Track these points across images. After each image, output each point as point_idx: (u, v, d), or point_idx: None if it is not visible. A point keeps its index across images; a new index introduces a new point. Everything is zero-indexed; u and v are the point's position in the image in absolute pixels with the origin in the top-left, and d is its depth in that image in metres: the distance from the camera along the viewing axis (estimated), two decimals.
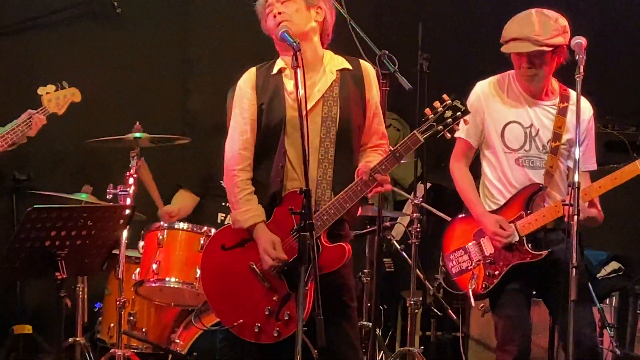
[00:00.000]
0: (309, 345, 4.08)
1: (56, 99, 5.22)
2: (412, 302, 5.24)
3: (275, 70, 3.99)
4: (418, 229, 5.23)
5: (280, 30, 3.81)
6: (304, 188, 3.54)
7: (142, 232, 5.07)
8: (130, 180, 4.87)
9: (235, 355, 4.07)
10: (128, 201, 4.81)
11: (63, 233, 3.84)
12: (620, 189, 4.13)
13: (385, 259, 6.25)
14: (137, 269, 4.95)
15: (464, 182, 4.40)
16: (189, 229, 4.94)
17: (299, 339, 3.49)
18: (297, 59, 3.62)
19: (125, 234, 4.73)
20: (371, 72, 4.08)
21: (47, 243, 3.82)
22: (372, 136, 4.07)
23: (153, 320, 5.14)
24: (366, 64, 4.11)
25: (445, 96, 3.80)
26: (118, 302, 4.84)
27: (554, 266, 4.10)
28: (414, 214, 5.31)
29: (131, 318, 5.01)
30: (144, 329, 5.08)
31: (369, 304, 5.49)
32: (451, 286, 4.42)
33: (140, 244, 5.04)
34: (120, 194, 4.83)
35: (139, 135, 4.98)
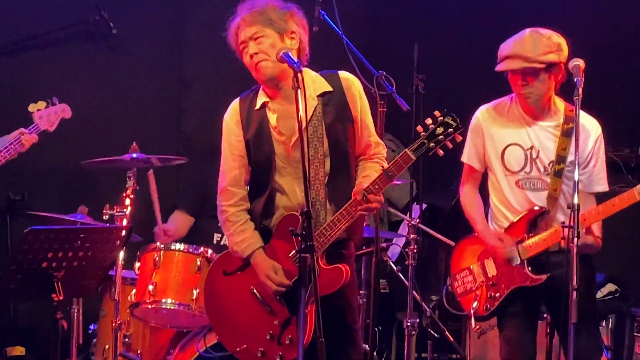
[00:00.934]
0: None
1: (47, 116, 5.25)
2: (409, 324, 5.21)
3: (258, 105, 3.96)
4: (415, 250, 5.20)
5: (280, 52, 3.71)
6: (304, 209, 3.50)
7: (138, 253, 5.02)
8: (127, 201, 4.83)
9: None
10: (124, 222, 4.78)
11: (60, 254, 3.80)
12: None
13: (380, 280, 6.23)
14: (133, 290, 4.90)
15: (468, 202, 4.41)
16: (185, 250, 4.90)
17: None
18: (298, 80, 3.56)
19: (121, 254, 4.70)
20: (352, 84, 3.96)
21: (44, 264, 3.78)
22: (366, 148, 4.02)
23: (148, 342, 5.10)
24: (345, 75, 3.98)
25: (436, 112, 3.72)
26: (114, 324, 4.80)
27: (558, 289, 4.04)
28: (410, 235, 5.28)
29: (126, 339, 4.95)
30: (139, 351, 5.03)
31: (367, 324, 5.44)
32: (455, 306, 4.41)
33: (137, 265, 4.99)
34: (116, 214, 4.80)
35: (135, 155, 4.96)
